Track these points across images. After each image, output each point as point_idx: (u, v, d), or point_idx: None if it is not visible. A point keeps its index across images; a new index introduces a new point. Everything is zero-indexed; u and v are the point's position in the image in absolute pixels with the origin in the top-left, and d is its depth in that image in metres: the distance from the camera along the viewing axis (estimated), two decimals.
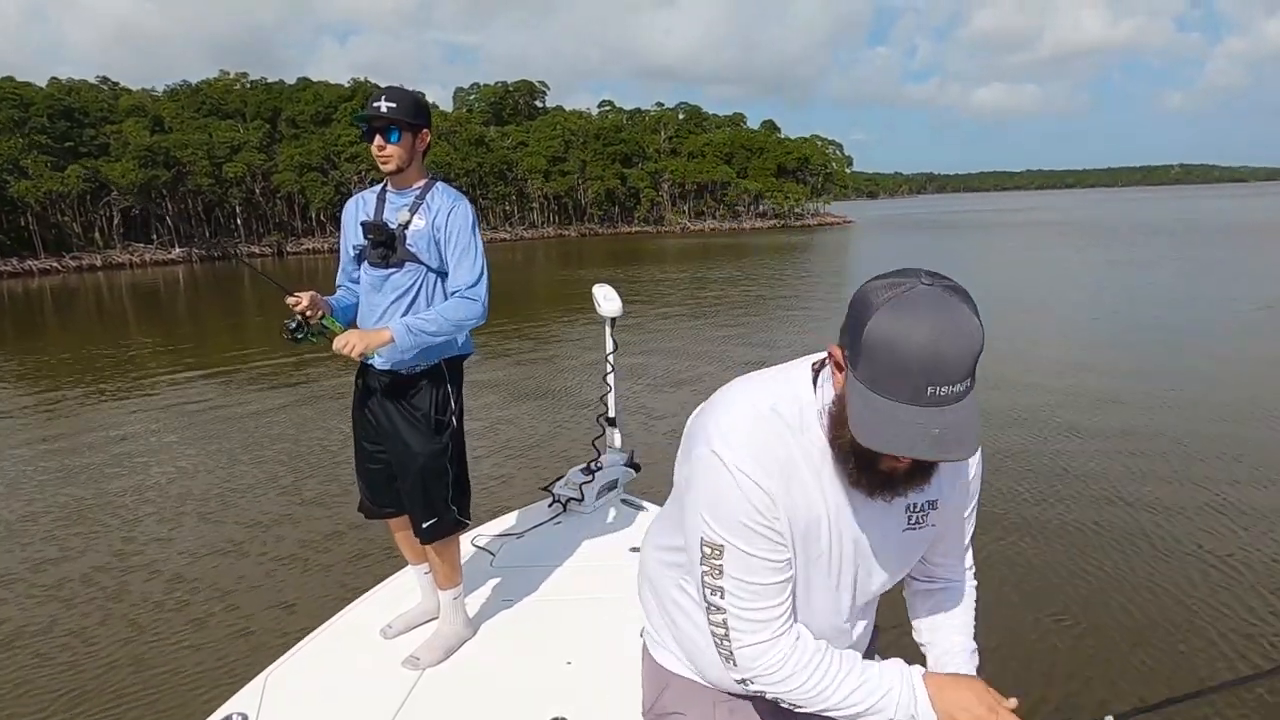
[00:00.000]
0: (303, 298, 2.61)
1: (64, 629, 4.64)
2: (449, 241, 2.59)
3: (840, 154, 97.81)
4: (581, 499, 3.67)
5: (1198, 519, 5.45)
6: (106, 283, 41.00)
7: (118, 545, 5.87)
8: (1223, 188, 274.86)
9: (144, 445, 8.61)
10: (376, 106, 2.52)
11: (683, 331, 15.18)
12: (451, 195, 2.65)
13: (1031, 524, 5.45)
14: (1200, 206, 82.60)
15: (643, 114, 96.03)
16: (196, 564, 5.51)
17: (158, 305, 28.65)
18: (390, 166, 2.58)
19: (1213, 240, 34.39)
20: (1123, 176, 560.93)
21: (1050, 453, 6.94)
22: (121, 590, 5.10)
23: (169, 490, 7.07)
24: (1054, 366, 10.53)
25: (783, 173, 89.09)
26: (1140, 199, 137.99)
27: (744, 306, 19.07)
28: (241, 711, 2.28)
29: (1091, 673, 3.81)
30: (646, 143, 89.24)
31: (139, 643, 4.45)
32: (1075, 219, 68.28)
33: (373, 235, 2.61)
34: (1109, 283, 20.73)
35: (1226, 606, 4.30)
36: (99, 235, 58.42)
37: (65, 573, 5.40)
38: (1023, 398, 8.69)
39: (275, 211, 67.94)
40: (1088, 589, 4.58)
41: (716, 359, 12.19)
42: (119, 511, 6.57)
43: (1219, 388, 9.01)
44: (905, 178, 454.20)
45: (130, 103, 66.95)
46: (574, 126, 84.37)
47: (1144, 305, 16.20)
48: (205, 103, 71.71)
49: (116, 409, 10.37)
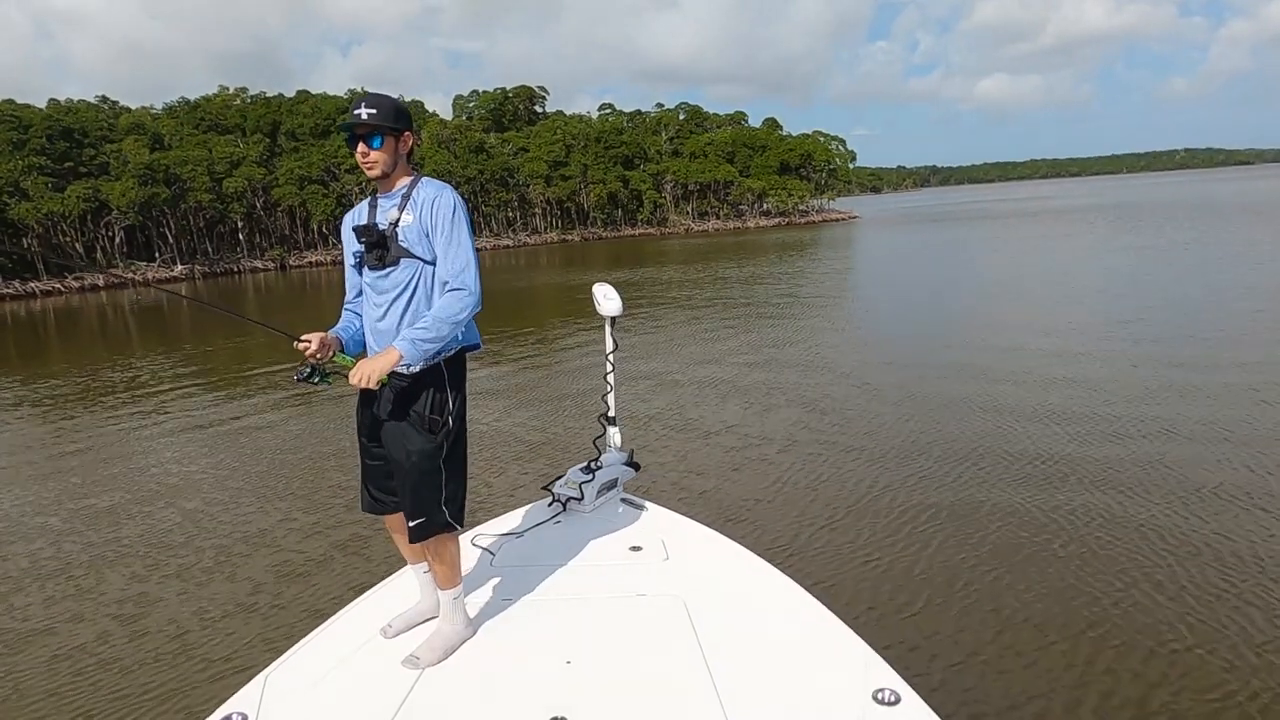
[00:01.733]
0: (312, 340, 2.63)
1: (69, 630, 4.83)
2: (434, 231, 2.63)
3: (843, 149, 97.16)
4: (581, 498, 3.65)
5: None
6: (110, 302, 40.72)
7: (139, 562, 5.99)
8: (1230, 171, 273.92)
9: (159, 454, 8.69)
10: (358, 114, 2.58)
11: (707, 335, 14.73)
12: (435, 186, 2.68)
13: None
14: (1217, 190, 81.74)
15: (643, 116, 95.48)
16: (196, 564, 5.69)
17: (162, 324, 28.43)
18: (376, 171, 2.64)
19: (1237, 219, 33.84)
20: (1127, 163, 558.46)
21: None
22: (124, 588, 5.33)
23: (183, 492, 7.34)
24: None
25: (785, 170, 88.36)
26: (1151, 184, 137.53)
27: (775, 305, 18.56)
28: (241, 711, 2.26)
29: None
30: (648, 144, 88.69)
31: (139, 642, 4.60)
32: (1096, 204, 67.82)
33: (365, 238, 2.66)
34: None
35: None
36: (101, 255, 58.14)
37: (83, 582, 5.67)
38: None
39: (277, 225, 67.64)
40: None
41: (744, 363, 11.72)
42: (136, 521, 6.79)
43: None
44: (909, 171, 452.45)
45: (130, 121, 66.71)
46: (574, 130, 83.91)
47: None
48: (204, 119, 71.49)
49: (123, 416, 10.21)
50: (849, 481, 6.68)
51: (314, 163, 67.64)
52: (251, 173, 63.79)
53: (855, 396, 9.55)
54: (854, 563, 5.20)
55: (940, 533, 5.56)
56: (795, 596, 2.78)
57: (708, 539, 3.32)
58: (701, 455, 7.68)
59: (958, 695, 3.78)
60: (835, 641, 2.47)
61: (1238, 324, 12.28)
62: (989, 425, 7.96)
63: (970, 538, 5.44)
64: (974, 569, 5.00)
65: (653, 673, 2.40)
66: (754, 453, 7.62)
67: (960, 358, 11.25)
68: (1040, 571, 4.93)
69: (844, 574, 5.05)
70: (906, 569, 5.06)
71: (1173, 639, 4.15)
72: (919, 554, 5.26)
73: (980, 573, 4.95)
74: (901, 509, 6.03)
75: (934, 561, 5.14)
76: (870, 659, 2.34)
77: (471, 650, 2.66)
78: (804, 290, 21.73)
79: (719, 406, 9.54)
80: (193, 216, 62.46)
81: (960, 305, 17.10)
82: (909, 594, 4.74)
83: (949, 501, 6.11)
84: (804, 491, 6.54)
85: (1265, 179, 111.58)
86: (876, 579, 4.95)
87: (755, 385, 10.44)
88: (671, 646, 2.52)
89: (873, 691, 2.18)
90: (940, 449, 7.34)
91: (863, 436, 7.91)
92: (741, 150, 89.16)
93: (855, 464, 7.10)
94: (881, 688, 2.19)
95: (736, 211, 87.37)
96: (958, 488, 6.38)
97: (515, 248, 71.71)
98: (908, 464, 6.99)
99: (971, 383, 9.73)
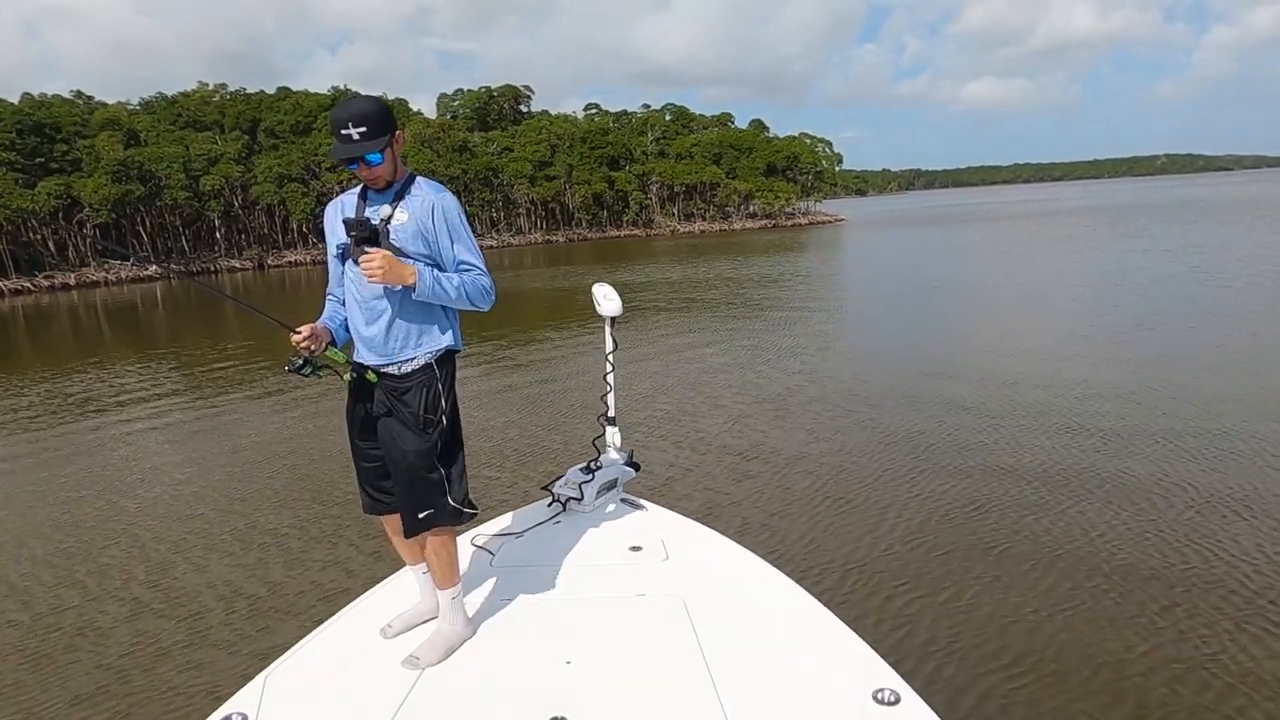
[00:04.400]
0: (303, 331, 2.60)
1: (71, 628, 4.86)
2: (442, 235, 2.62)
3: (830, 151, 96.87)
4: (581, 498, 3.62)
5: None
6: (82, 301, 39.60)
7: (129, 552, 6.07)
8: (1210, 176, 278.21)
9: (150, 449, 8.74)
10: (348, 135, 2.49)
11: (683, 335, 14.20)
12: (432, 188, 2.67)
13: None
14: (1198, 194, 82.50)
15: (629, 116, 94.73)
16: (196, 562, 5.71)
17: (135, 323, 27.72)
18: (381, 184, 2.62)
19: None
20: (1109, 168, 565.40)
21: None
22: (122, 588, 5.37)
23: (178, 492, 7.43)
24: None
25: (772, 172, 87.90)
26: (1133, 188, 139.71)
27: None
28: (241, 711, 2.24)
29: None
30: (634, 145, 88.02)
31: (137, 642, 4.62)
32: (1087, 206, 68.80)
33: (355, 232, 2.60)
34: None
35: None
36: (73, 253, 56.67)
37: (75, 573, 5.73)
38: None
39: (255, 224, 66.36)
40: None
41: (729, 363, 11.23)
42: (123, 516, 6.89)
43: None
44: (894, 174, 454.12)
45: (104, 117, 65.16)
46: (560, 130, 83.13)
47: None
48: (181, 115, 70.12)
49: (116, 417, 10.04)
50: (849, 480, 6.68)
51: (294, 160, 66.42)
52: (229, 170, 62.51)
53: (887, 402, 9.20)
54: (854, 561, 5.21)
55: (946, 536, 5.51)
56: (795, 596, 2.77)
57: (708, 539, 3.31)
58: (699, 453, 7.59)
59: (958, 695, 3.74)
60: (835, 641, 2.47)
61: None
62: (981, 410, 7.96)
63: (970, 537, 5.43)
64: (975, 568, 4.99)
65: (653, 673, 2.39)
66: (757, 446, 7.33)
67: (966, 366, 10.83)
68: (1041, 570, 4.90)
69: (845, 574, 5.04)
70: (905, 567, 5.07)
71: (1173, 644, 4.11)
72: (922, 554, 5.23)
73: (980, 572, 4.94)
74: (915, 512, 5.97)
75: (934, 561, 5.13)
76: (870, 659, 2.33)
77: (471, 650, 2.64)
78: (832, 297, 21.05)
79: (715, 405, 9.42)
80: (169, 214, 61.11)
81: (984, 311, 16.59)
82: (908, 593, 4.73)
83: (958, 499, 6.09)
84: (804, 488, 6.57)
85: (1253, 184, 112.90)
86: (877, 578, 4.93)
87: (755, 383, 10.12)
88: (671, 646, 2.51)
89: (873, 691, 2.17)
90: (941, 443, 7.42)
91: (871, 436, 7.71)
92: (728, 152, 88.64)
93: (855, 461, 7.14)
94: (881, 688, 2.18)
95: (723, 213, 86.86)
96: (957, 488, 6.34)
97: (500, 248, 70.65)
98: (906, 462, 7.00)
99: (956, 381, 9.83)
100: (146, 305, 34.96)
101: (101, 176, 55.64)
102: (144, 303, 36.32)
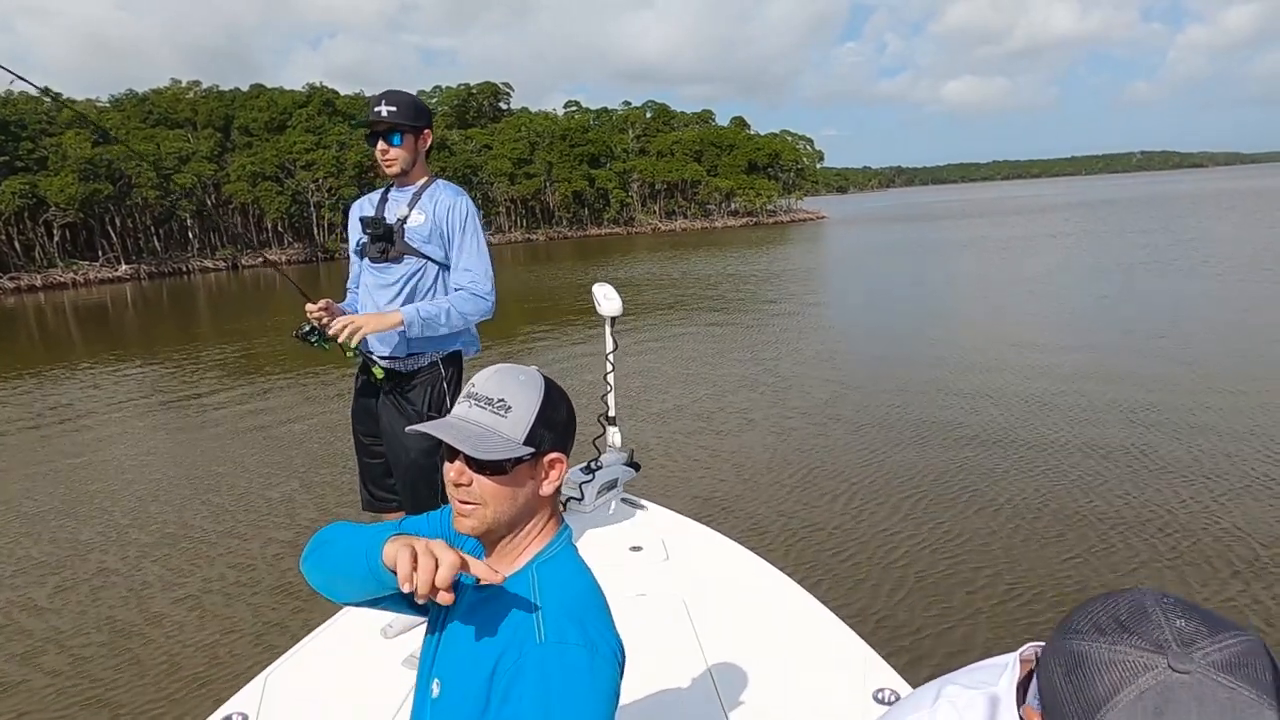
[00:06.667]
0: (320, 303, 2.66)
1: (70, 627, 4.85)
2: (451, 237, 2.69)
3: (811, 149, 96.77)
4: (581, 498, 3.62)
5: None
6: (49, 303, 38.54)
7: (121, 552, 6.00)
8: (1185, 173, 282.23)
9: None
10: (378, 111, 2.61)
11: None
12: (452, 191, 2.76)
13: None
14: (1173, 189, 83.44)
15: (610, 113, 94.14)
16: (194, 561, 5.68)
17: (106, 324, 26.93)
18: (395, 169, 2.70)
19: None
20: (1086, 165, 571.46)
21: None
22: (120, 586, 5.34)
23: (174, 492, 7.41)
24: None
25: (753, 169, 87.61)
26: (1111, 184, 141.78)
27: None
28: (241, 711, 2.26)
29: None
30: (614, 142, 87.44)
31: (139, 642, 4.63)
32: (1072, 201, 69.26)
33: (371, 229, 2.68)
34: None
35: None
36: (39, 253, 55.33)
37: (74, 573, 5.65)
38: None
39: (229, 224, 65.19)
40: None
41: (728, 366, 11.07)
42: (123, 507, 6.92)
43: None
44: (874, 172, 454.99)
45: (72, 114, 63.69)
46: (540, 128, 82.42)
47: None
48: (153, 112, 68.74)
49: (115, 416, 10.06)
50: (849, 477, 6.65)
51: (268, 159, 65.27)
52: (201, 168, 61.30)
53: (882, 391, 9.40)
54: (850, 561, 5.18)
55: (940, 527, 5.53)
56: (795, 596, 2.76)
57: (708, 539, 3.31)
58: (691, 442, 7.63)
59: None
60: (835, 641, 2.47)
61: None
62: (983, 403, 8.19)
63: (972, 535, 5.41)
64: (975, 568, 4.97)
65: (653, 673, 2.39)
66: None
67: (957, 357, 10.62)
68: (1042, 572, 4.92)
69: (844, 572, 5.05)
70: (904, 566, 5.04)
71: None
72: (915, 551, 5.21)
73: (980, 572, 4.91)
74: (905, 504, 5.97)
75: (935, 559, 5.11)
76: (870, 659, 2.33)
77: None
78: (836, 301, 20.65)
79: (713, 402, 9.45)
80: (139, 214, 59.85)
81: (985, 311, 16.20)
82: (908, 592, 4.72)
83: (954, 495, 6.09)
84: (802, 484, 6.57)
85: (1231, 180, 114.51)
86: (876, 577, 4.91)
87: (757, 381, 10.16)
88: (672, 646, 2.52)
89: (873, 691, 2.17)
90: (940, 436, 7.46)
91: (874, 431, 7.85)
92: (709, 149, 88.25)
93: (855, 461, 7.09)
94: (881, 688, 2.17)
95: (704, 211, 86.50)
96: (959, 484, 6.33)
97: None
98: (906, 458, 7.01)
99: (943, 369, 10.10)
100: (117, 307, 34.06)
101: (68, 175, 54.35)
102: (114, 304, 35.42)
